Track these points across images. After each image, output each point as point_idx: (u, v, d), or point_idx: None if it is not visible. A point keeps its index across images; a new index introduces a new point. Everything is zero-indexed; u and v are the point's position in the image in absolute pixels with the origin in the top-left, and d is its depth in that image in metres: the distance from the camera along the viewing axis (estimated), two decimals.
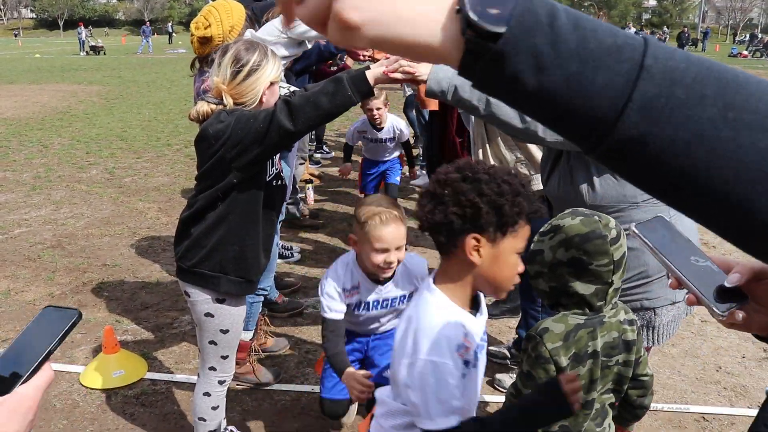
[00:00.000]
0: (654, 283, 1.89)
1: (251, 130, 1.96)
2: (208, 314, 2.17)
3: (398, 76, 1.89)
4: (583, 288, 1.54)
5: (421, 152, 7.30)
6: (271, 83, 2.11)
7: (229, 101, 2.07)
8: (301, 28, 3.17)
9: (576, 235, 1.52)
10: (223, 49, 2.13)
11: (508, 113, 1.78)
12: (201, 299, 2.16)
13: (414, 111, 7.33)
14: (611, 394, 1.73)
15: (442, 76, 1.81)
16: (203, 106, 2.08)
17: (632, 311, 1.89)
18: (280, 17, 3.21)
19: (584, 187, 1.85)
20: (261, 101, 2.11)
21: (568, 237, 1.52)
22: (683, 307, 1.97)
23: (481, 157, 3.26)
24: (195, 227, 2.13)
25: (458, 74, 0.52)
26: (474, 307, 1.42)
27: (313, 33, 3.12)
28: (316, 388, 3.09)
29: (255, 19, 2.99)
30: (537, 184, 3.14)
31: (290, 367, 3.29)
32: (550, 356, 1.52)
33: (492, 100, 1.77)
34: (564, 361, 1.53)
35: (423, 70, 1.85)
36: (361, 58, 3.82)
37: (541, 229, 1.62)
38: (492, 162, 3.22)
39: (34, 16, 76.70)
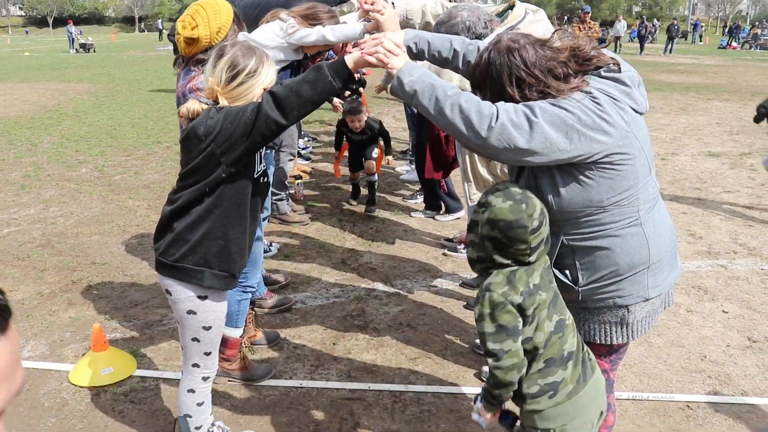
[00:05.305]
0: (625, 281, 1.88)
1: (240, 124, 1.98)
2: (190, 312, 2.19)
3: (373, 60, 1.97)
4: (504, 261, 1.71)
5: (410, 147, 7.32)
6: (265, 89, 2.13)
7: (224, 103, 2.09)
8: (299, 33, 3.14)
9: (501, 220, 1.67)
10: (219, 50, 2.13)
11: (461, 128, 1.77)
12: (183, 297, 2.17)
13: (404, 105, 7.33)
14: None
15: (407, 80, 1.85)
16: (194, 105, 2.10)
17: (605, 309, 1.94)
18: (277, 22, 3.18)
19: (550, 196, 1.82)
20: None
21: (494, 218, 1.68)
22: (657, 303, 1.97)
23: (467, 152, 3.28)
24: (178, 222, 2.13)
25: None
26: None
27: (311, 39, 3.09)
28: (305, 383, 3.11)
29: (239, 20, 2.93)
30: None
31: (279, 362, 3.31)
32: (505, 299, 1.66)
33: (447, 112, 1.78)
34: (518, 298, 1.67)
35: (396, 63, 1.91)
36: (349, 53, 3.82)
37: (479, 199, 1.76)
38: (476, 157, 3.23)
39: (23, 14, 76.15)
